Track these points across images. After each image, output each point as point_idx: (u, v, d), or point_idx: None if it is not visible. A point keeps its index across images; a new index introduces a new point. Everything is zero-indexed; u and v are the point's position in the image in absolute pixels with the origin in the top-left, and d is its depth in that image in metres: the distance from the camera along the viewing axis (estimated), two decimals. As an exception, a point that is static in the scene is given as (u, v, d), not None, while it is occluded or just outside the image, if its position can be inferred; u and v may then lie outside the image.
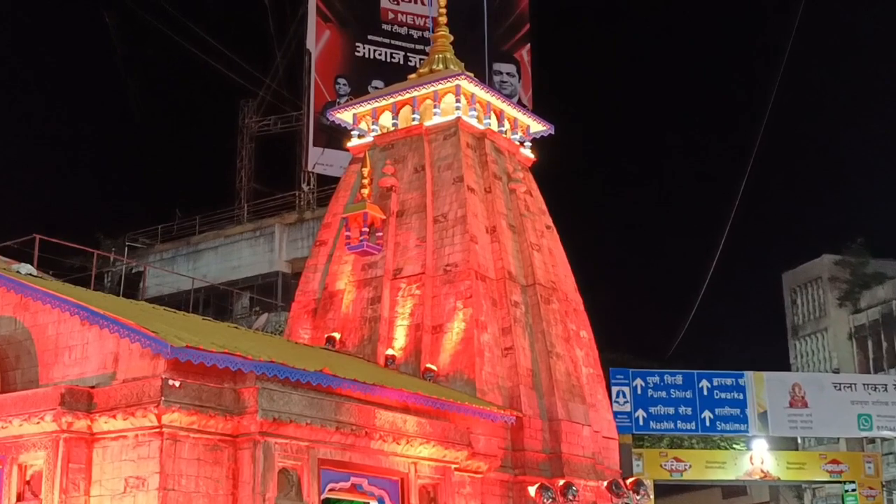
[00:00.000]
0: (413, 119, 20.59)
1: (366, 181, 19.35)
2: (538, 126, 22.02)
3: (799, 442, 36.95)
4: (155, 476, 11.86)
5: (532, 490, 16.52)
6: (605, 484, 17.57)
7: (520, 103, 33.94)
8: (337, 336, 18.60)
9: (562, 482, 16.73)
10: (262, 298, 35.07)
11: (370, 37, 39.83)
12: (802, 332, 44.61)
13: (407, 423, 14.36)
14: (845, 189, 60.17)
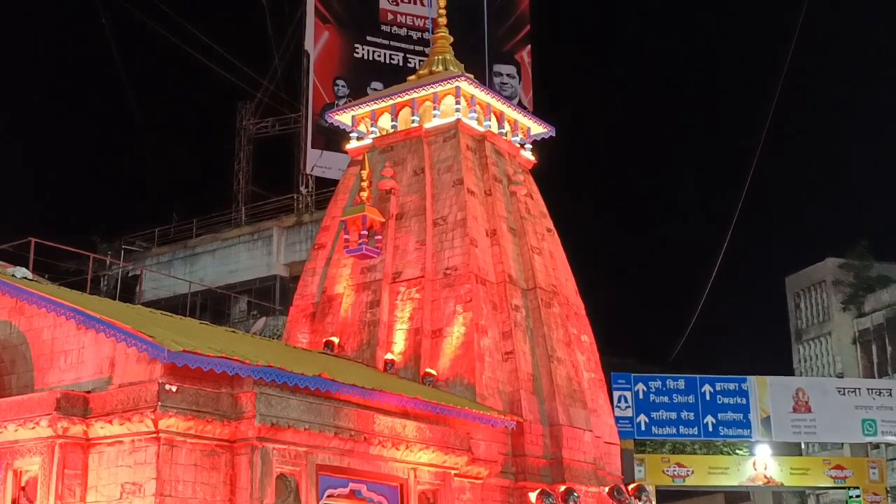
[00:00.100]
0: (412, 121, 20.60)
1: (365, 184, 19.35)
2: (539, 128, 22.02)
3: (802, 447, 36.91)
4: (151, 482, 11.85)
5: (533, 496, 16.49)
6: (607, 490, 17.56)
7: (520, 105, 33.98)
8: (335, 340, 18.61)
9: (563, 488, 16.71)
10: (260, 302, 35.08)
11: (369, 38, 39.85)
12: (806, 337, 44.60)
13: (406, 429, 14.35)
14: (849, 191, 60.22)
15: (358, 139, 21.34)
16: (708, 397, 28.93)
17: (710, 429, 28.85)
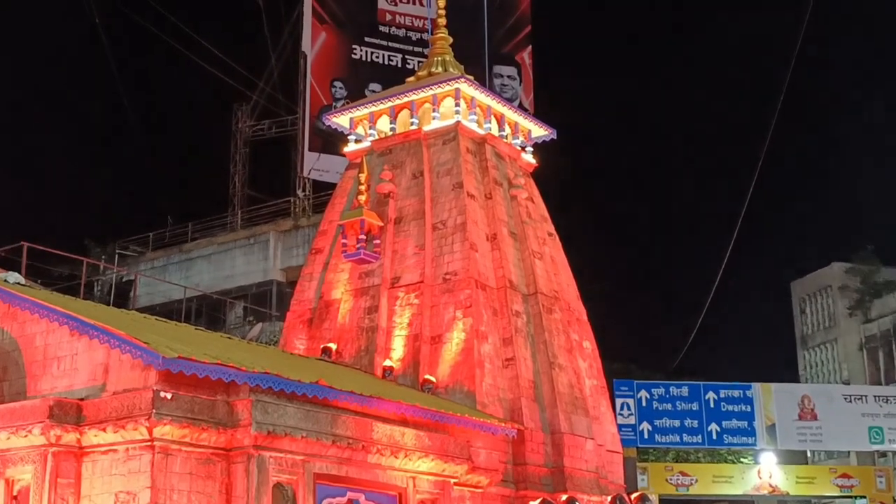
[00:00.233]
0: (411, 123, 20.62)
1: (363, 187, 19.37)
2: (540, 131, 22.04)
3: (808, 455, 36.95)
4: (146, 491, 11.84)
5: (534, 505, 16.51)
6: (609, 499, 17.53)
7: (521, 107, 33.96)
8: (333, 347, 18.61)
9: (564, 497, 16.71)
10: (257, 308, 35.08)
11: (367, 39, 39.89)
12: (812, 343, 44.65)
13: (405, 437, 14.36)
14: (855, 195, 60.25)
15: (356, 142, 21.35)
16: (712, 404, 28.97)
17: (715, 437, 28.89)
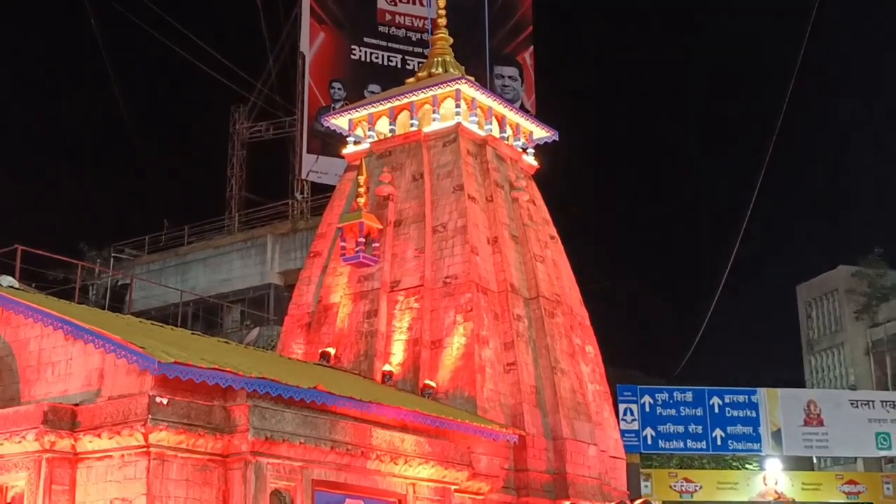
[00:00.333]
0: (411, 125, 20.62)
1: (362, 189, 19.36)
2: (541, 132, 22.05)
3: (814, 462, 36.96)
4: (142, 498, 11.85)
5: (536, 512, 16.51)
6: (612, 506, 17.57)
7: (522, 108, 33.98)
8: (332, 351, 18.60)
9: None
10: (254, 312, 35.06)
11: (366, 39, 39.90)
12: (818, 347, 44.63)
13: (405, 443, 14.35)
14: (862, 198, 60.27)
15: (355, 143, 21.36)
16: (716, 410, 28.98)
17: (719, 442, 28.90)
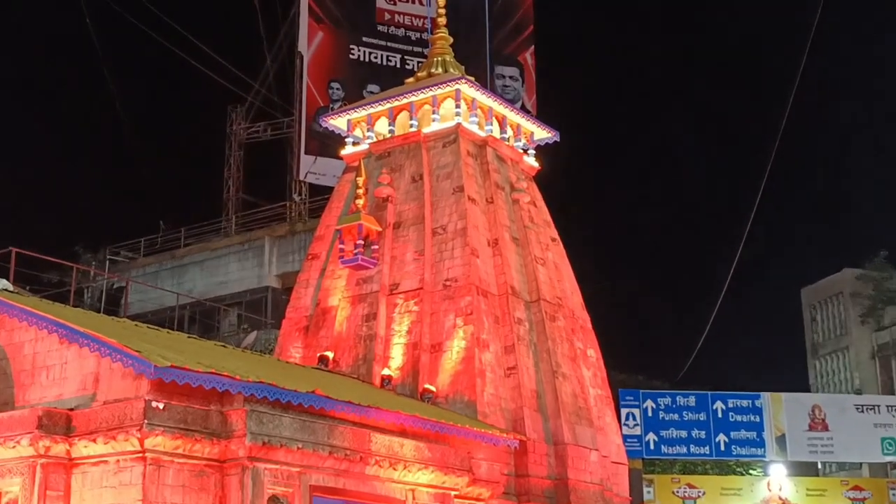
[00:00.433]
0: (410, 125, 20.63)
1: (360, 191, 19.37)
2: (543, 133, 22.05)
3: (819, 467, 36.89)
4: (137, 504, 11.85)
5: (537, 518, 16.51)
6: (614, 512, 17.56)
7: (523, 109, 34.00)
8: (330, 355, 18.59)
9: (568, 510, 16.72)
10: (251, 315, 35.07)
11: (365, 39, 39.92)
12: (823, 351, 44.64)
13: (404, 448, 14.35)
14: (867, 200, 60.28)
15: (353, 144, 21.36)
16: (720, 414, 28.94)
17: (723, 448, 28.85)
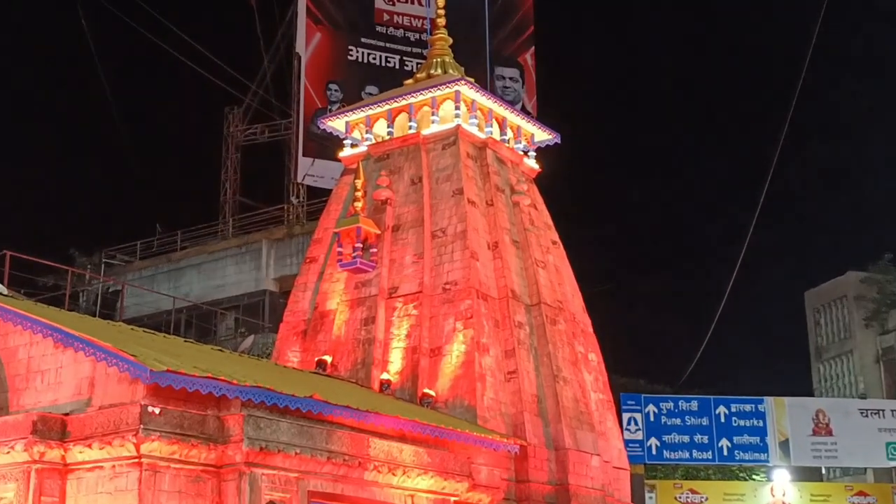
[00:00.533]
0: (409, 127, 20.64)
1: (359, 194, 19.37)
2: (543, 135, 22.07)
3: (823, 472, 36.90)
4: (133, 510, 11.84)
5: (537, 524, 16.50)
6: (616, 518, 17.56)
7: (524, 110, 34.01)
8: (328, 359, 18.60)
9: (569, 516, 16.72)
10: (248, 319, 35.06)
11: (364, 40, 39.94)
12: (826, 355, 44.59)
13: (403, 453, 14.35)
14: (871, 202, 60.29)
15: (352, 146, 21.37)
16: (723, 419, 28.94)
17: (726, 453, 28.86)
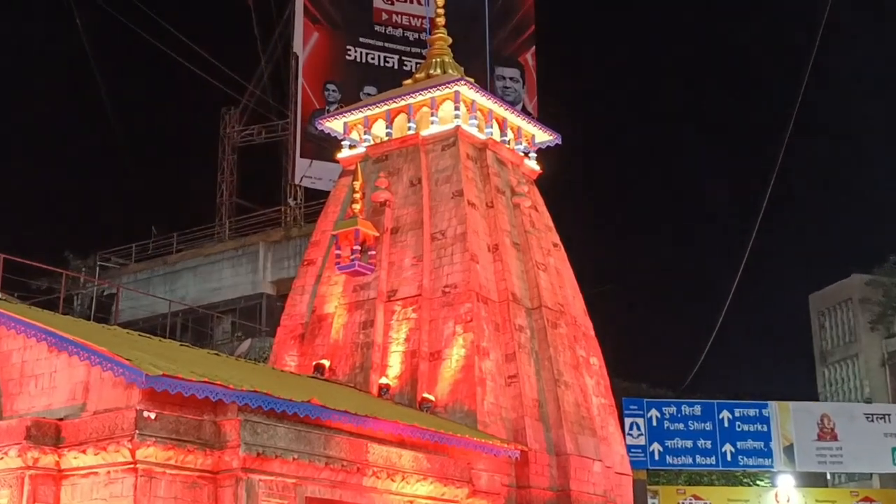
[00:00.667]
0: (408, 128, 20.64)
1: (357, 195, 19.38)
2: (544, 136, 22.07)
3: (828, 478, 36.85)
4: (128, 516, 11.84)
5: (538, 531, 16.49)
6: (618, 524, 17.56)
7: (524, 111, 34.02)
8: (326, 363, 18.60)
9: (571, 522, 16.72)
10: (245, 323, 35.06)
11: (362, 39, 39.96)
12: (831, 359, 44.60)
13: (402, 458, 14.35)
14: (876, 204, 60.24)
15: (350, 147, 21.37)
16: (726, 424, 28.92)
17: (729, 458, 28.84)
